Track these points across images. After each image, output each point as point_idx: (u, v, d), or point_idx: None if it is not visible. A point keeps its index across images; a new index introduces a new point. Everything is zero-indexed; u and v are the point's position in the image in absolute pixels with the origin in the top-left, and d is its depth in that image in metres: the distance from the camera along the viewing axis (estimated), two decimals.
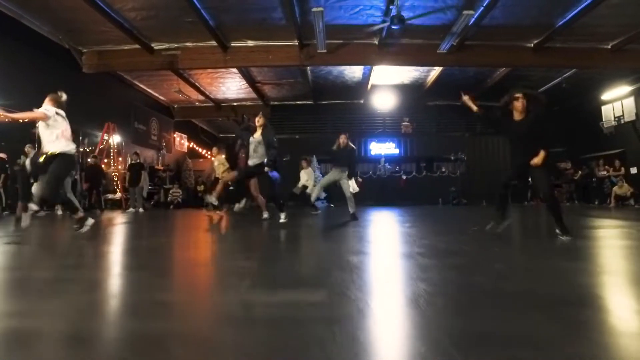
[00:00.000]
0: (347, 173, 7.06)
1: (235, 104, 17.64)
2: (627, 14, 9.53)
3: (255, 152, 5.88)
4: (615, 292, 1.91)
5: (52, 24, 10.05)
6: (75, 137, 11.61)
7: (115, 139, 12.87)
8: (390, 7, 8.90)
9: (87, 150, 12.06)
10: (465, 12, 9.01)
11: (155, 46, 11.31)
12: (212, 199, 7.25)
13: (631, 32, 10.43)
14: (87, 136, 12.35)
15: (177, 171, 17.07)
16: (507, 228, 4.26)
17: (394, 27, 8.69)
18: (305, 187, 10.11)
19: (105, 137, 12.37)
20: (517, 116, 4.19)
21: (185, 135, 19.34)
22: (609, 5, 8.92)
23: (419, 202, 14.65)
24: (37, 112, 4.23)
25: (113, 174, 12.33)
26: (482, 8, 9.11)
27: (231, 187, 8.79)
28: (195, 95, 15.96)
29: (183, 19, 9.79)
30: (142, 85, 14.97)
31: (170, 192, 12.98)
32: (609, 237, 4.51)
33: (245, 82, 14.52)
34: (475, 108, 4.53)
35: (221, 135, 24.75)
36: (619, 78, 13.30)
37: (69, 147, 4.36)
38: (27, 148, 8.47)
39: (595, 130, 14.26)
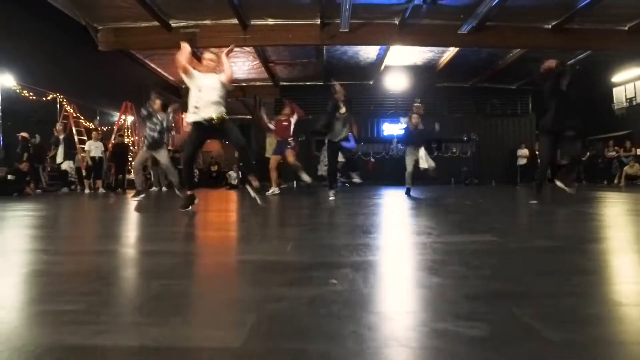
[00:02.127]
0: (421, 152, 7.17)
1: (244, 84, 17.50)
2: None
3: (344, 127, 5.88)
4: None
5: None
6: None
7: (130, 118, 12.76)
8: None
9: (104, 129, 11.98)
10: None
11: (174, 23, 11.16)
12: (275, 189, 7.45)
13: None
14: (104, 116, 12.26)
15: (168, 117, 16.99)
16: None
17: (425, 5, 8.68)
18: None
19: (123, 117, 12.26)
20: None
21: None
22: None
23: (431, 181, 14.86)
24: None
25: (132, 151, 12.30)
26: None
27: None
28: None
29: None
30: (152, 65, 14.77)
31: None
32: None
33: (258, 61, 14.41)
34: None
35: (227, 116, 24.62)
36: (632, 60, 13.52)
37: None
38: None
39: (605, 111, 14.57)
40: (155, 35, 11.27)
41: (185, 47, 4.12)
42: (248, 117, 20.99)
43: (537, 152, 15.45)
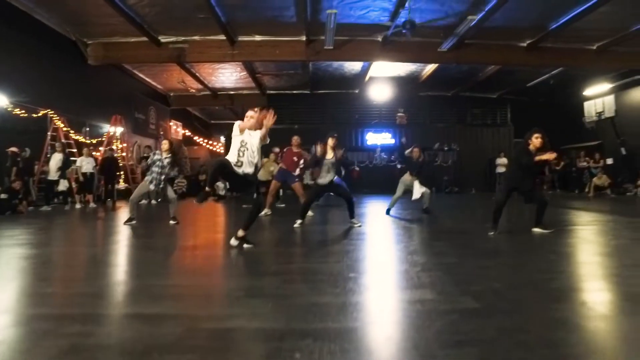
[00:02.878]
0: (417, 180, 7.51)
1: (232, 92, 17.81)
2: (614, 20, 10.33)
3: (328, 172, 6.02)
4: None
5: (61, 16, 10.04)
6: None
7: (119, 129, 12.98)
8: (401, 10, 9.34)
9: (93, 142, 12.18)
10: (469, 17, 9.53)
11: (163, 39, 11.40)
12: (267, 210, 7.81)
13: (615, 36, 11.26)
14: (94, 129, 12.46)
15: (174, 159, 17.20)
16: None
17: (404, 31, 9.13)
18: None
19: (112, 129, 12.48)
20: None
21: (180, 123, 19.42)
22: (598, 12, 9.67)
23: (375, 191, 15.43)
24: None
25: (122, 164, 12.53)
26: (484, 12, 9.66)
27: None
28: (195, 85, 16.07)
29: (195, 15, 9.97)
30: (141, 75, 14.97)
31: (176, 182, 13.25)
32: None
33: (245, 72, 14.74)
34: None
35: (212, 121, 24.85)
36: (601, 77, 14.24)
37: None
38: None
39: (577, 123, 15.27)
40: (144, 50, 11.51)
41: (251, 119, 4.25)
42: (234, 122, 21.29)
43: None
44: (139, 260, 3.78)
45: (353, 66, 14.75)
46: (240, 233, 4.08)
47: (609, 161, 14.12)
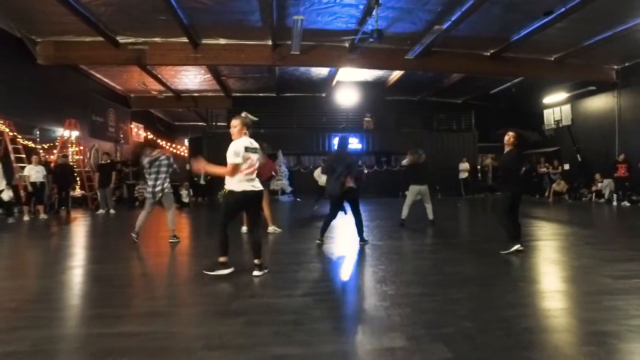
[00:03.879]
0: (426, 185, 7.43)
1: (196, 94, 17.30)
2: (568, 35, 10.85)
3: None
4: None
5: (4, 11, 9.31)
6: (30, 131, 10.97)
7: (74, 133, 12.25)
8: (368, 18, 9.28)
9: (45, 147, 11.45)
10: (436, 27, 9.61)
11: (121, 40, 10.86)
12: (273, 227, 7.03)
13: (570, 49, 11.76)
14: (45, 132, 11.70)
15: (135, 163, 16.51)
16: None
17: (372, 40, 9.08)
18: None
19: (66, 134, 11.76)
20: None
21: (142, 125, 18.65)
22: (554, 27, 10.09)
23: (380, 195, 15.48)
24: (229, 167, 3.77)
25: (77, 171, 11.83)
26: (450, 22, 9.76)
27: None
28: (157, 87, 15.45)
29: (155, 16, 9.51)
30: (98, 75, 14.24)
31: (136, 188, 12.65)
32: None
33: (210, 75, 14.31)
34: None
35: (176, 123, 24.09)
36: (559, 86, 14.82)
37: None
38: None
39: (537, 130, 15.84)
40: (101, 51, 10.90)
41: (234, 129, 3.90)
42: (202, 124, 20.72)
43: (478, 167, 16.51)
44: (90, 297, 3.46)
45: (320, 70, 14.63)
46: (257, 261, 3.90)
47: (566, 167, 14.73)
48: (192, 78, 15.01)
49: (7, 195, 8.60)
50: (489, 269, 4.26)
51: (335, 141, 5.95)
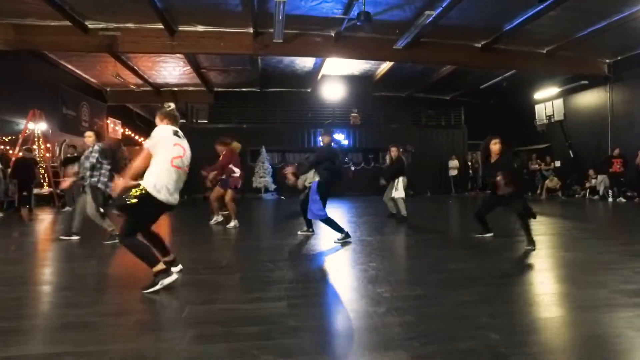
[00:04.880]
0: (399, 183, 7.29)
1: (176, 89, 16.50)
2: (561, 26, 10.47)
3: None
4: None
5: None
6: None
7: (41, 126, 11.37)
8: (355, 2, 8.70)
9: (5, 140, 10.58)
10: (426, 12, 9.08)
11: (90, 25, 10.05)
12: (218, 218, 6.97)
13: (563, 41, 11.38)
14: (6, 124, 10.82)
15: (112, 160, 15.61)
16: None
17: (359, 23, 8.50)
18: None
19: (30, 126, 10.88)
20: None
21: (119, 121, 17.74)
22: (548, 16, 9.67)
23: (366, 193, 14.91)
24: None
25: (41, 166, 10.95)
26: (441, 8, 9.25)
27: None
28: (133, 80, 14.62)
29: None
30: (70, 66, 13.34)
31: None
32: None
33: (189, 67, 13.56)
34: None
35: None
36: (550, 80, 14.47)
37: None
38: None
39: (529, 126, 15.47)
40: (68, 37, 10.06)
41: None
42: (182, 120, 19.89)
43: (468, 163, 16.09)
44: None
45: (305, 63, 14.01)
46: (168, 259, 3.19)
47: (557, 164, 14.37)
48: (170, 70, 14.23)
49: None
50: (494, 265, 3.69)
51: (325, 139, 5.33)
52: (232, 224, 6.64)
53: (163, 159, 2.97)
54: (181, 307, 2.54)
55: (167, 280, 2.88)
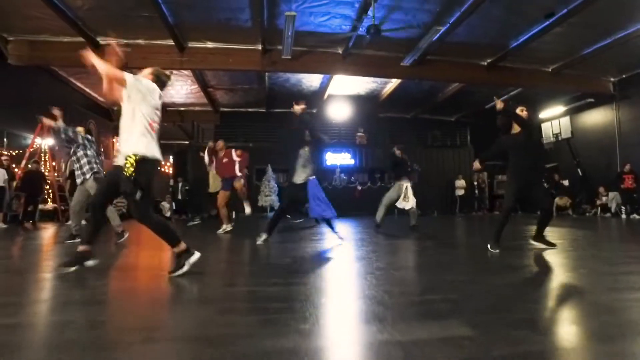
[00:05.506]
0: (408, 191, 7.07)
1: (182, 108, 16.63)
2: (566, 43, 10.59)
3: (304, 168, 4.95)
4: None
5: None
6: None
7: (48, 142, 11.37)
8: (364, 16, 8.83)
9: (12, 154, 10.54)
10: (434, 27, 9.20)
11: (102, 40, 10.21)
12: (227, 226, 6.87)
13: (568, 59, 11.50)
14: (14, 138, 10.82)
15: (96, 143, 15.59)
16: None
17: (368, 36, 8.59)
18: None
19: (38, 140, 10.88)
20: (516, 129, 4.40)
21: None
22: (553, 33, 9.80)
23: (373, 213, 14.70)
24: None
25: (48, 180, 10.89)
26: (448, 25, 9.38)
27: None
28: None
29: (137, 13, 8.94)
30: (79, 84, 13.50)
31: (115, 201, 11.70)
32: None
33: (197, 85, 13.70)
34: (480, 167, 4.90)
35: (161, 141, 23.24)
36: (557, 98, 14.54)
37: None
38: None
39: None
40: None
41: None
42: (186, 142, 19.96)
43: (474, 183, 15.96)
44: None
45: (311, 82, 14.15)
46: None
47: (565, 183, 14.23)
48: (178, 89, 14.38)
49: None
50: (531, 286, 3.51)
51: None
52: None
53: (142, 119, 2.76)
54: (204, 288, 2.38)
55: (192, 259, 2.75)
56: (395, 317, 1.73)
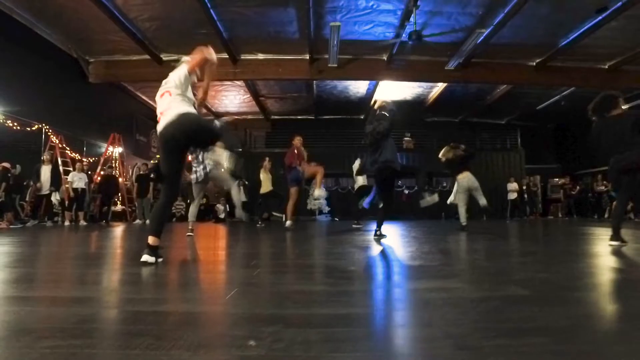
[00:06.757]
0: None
1: (235, 116, 17.62)
2: (625, 37, 10.07)
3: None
4: None
5: (63, 32, 10.01)
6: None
7: (118, 150, 12.66)
8: (406, 23, 9.12)
9: (90, 160, 11.85)
10: (477, 30, 9.28)
11: (165, 57, 11.30)
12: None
13: (627, 54, 10.96)
14: (91, 147, 12.17)
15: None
16: None
17: (411, 42, 8.86)
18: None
19: (110, 149, 12.15)
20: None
21: None
22: (608, 27, 9.41)
23: (421, 216, 14.74)
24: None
25: (124, 182, 12.17)
26: (492, 27, 9.42)
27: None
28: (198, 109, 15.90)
29: (197, 30, 9.83)
30: (144, 97, 14.85)
31: (174, 204, 12.76)
32: None
33: (249, 95, 14.58)
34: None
35: None
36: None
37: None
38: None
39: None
40: (146, 68, 11.39)
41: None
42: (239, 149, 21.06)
43: (524, 187, 15.50)
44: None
45: (358, 89, 14.55)
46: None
47: None
48: (232, 99, 15.36)
49: (54, 198, 8.89)
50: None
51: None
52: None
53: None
54: (243, 260, 2.83)
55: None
56: None
